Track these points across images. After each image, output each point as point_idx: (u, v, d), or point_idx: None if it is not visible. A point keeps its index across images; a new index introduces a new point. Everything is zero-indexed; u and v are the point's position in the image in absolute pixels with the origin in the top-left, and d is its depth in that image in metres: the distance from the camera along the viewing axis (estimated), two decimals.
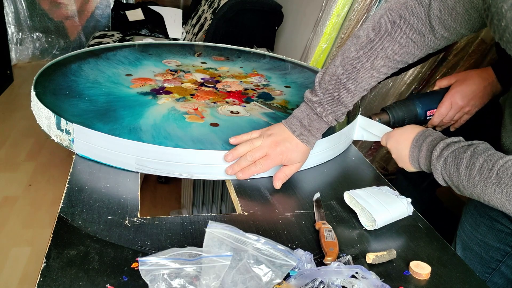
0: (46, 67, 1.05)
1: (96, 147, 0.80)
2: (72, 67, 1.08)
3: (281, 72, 1.26)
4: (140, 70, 1.12)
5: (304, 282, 0.52)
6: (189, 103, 0.97)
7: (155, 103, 0.94)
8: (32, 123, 2.76)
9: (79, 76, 1.03)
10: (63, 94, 0.93)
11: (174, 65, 1.19)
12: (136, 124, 0.84)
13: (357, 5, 1.74)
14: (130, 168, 0.79)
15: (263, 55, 1.40)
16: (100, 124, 0.82)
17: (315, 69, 1.33)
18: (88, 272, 0.57)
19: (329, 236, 0.65)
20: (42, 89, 0.93)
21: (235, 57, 1.35)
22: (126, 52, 1.24)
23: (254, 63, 1.31)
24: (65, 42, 3.59)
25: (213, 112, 0.94)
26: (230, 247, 0.49)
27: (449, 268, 0.65)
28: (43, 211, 1.89)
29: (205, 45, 1.46)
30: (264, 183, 0.81)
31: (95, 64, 1.11)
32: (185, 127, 0.86)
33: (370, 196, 0.73)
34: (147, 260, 0.48)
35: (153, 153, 0.77)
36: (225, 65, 1.26)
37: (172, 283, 0.46)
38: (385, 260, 0.64)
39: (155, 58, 1.22)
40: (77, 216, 0.67)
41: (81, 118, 0.83)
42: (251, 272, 0.48)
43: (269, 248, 0.50)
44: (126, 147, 0.78)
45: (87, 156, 0.82)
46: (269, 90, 1.11)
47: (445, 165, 0.69)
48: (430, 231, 0.73)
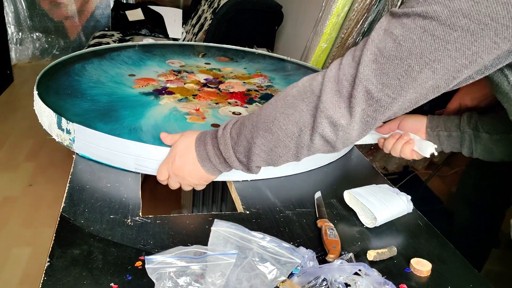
0: (50, 66, 1.05)
1: (96, 147, 0.80)
2: (75, 67, 1.08)
3: (285, 74, 1.26)
4: (143, 70, 1.12)
5: (307, 280, 0.52)
6: (191, 103, 0.97)
7: (157, 104, 0.95)
8: (32, 123, 2.75)
9: (82, 76, 1.03)
10: (66, 94, 0.93)
11: (178, 66, 1.19)
12: (137, 124, 0.84)
13: (357, 5, 1.75)
14: (129, 168, 0.80)
15: (266, 56, 1.40)
16: (101, 124, 0.82)
17: (318, 70, 1.33)
18: (92, 271, 0.57)
19: (332, 234, 0.66)
20: (44, 88, 0.93)
21: (239, 58, 1.35)
22: (130, 52, 1.24)
23: (258, 64, 1.31)
24: (65, 42, 3.59)
25: (215, 113, 0.94)
26: (235, 245, 0.49)
27: (448, 264, 0.66)
28: (43, 211, 1.89)
29: (210, 46, 1.46)
30: (265, 181, 0.82)
31: (99, 64, 1.11)
32: (186, 128, 0.85)
33: (370, 194, 0.74)
34: (153, 259, 0.48)
35: (153, 153, 0.77)
36: (229, 66, 1.26)
37: (178, 281, 0.47)
38: (386, 257, 0.64)
39: (159, 59, 1.22)
40: (79, 215, 0.68)
41: (82, 118, 0.83)
42: (256, 269, 0.49)
43: (274, 246, 0.51)
44: (126, 147, 0.78)
45: (87, 155, 0.82)
46: (272, 91, 1.11)
47: (231, 134, 0.67)
48: (429, 228, 0.74)
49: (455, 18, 0.49)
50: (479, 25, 0.49)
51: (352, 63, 0.57)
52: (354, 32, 1.84)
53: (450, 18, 0.50)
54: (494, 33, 0.49)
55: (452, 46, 0.51)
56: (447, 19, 0.50)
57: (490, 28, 0.49)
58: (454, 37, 0.50)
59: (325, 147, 0.62)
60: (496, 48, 0.51)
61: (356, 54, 0.58)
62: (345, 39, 1.85)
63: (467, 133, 0.82)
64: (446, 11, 0.50)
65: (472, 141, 0.82)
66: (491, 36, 0.50)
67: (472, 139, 0.82)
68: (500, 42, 0.50)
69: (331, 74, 0.59)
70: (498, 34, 0.49)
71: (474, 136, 0.81)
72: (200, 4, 2.78)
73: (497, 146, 0.80)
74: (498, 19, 0.48)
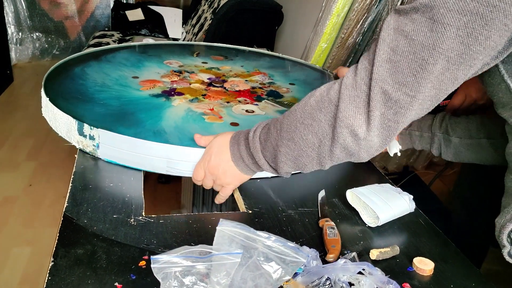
0: (51, 70, 1.04)
1: (124, 151, 0.79)
2: (76, 70, 1.07)
3: (283, 70, 1.28)
4: (145, 72, 1.12)
5: (311, 279, 0.52)
6: (203, 103, 0.98)
7: (170, 105, 0.95)
8: (32, 123, 2.76)
9: (86, 80, 1.02)
10: (75, 99, 0.91)
11: (177, 66, 1.20)
12: (158, 126, 0.84)
13: (357, 5, 1.75)
14: (160, 171, 0.79)
15: (260, 54, 1.42)
16: (123, 128, 0.81)
17: (312, 66, 1.35)
18: (96, 270, 0.57)
19: (332, 233, 0.66)
20: (53, 94, 0.90)
21: (233, 56, 1.36)
22: (125, 53, 1.24)
23: (254, 61, 1.32)
24: (65, 42, 3.58)
25: (229, 112, 0.95)
26: (240, 244, 0.50)
27: (450, 263, 0.66)
28: (43, 211, 1.89)
29: (201, 45, 1.47)
30: (267, 181, 0.82)
31: (98, 67, 1.11)
32: (207, 128, 0.86)
33: (372, 193, 0.74)
34: (159, 258, 0.48)
35: (185, 155, 0.77)
36: (226, 64, 1.27)
37: (184, 281, 0.47)
38: (388, 256, 0.65)
39: (156, 59, 1.23)
40: (82, 215, 0.68)
41: (102, 123, 0.81)
42: (261, 269, 0.49)
43: (280, 245, 0.51)
44: (157, 150, 0.78)
45: (113, 160, 0.81)
46: (276, 88, 1.13)
47: (260, 139, 0.68)
48: (431, 227, 0.74)
49: (463, 2, 0.49)
50: (487, 7, 0.48)
51: (368, 67, 0.56)
52: (354, 32, 1.84)
53: (458, 3, 0.49)
54: (503, 14, 0.49)
55: (463, 32, 0.50)
56: (455, 4, 0.49)
57: (499, 9, 0.48)
58: (464, 22, 0.49)
59: (348, 157, 0.61)
60: (506, 30, 0.50)
61: (370, 57, 0.57)
62: (345, 39, 1.86)
63: (437, 137, 0.84)
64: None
65: (442, 144, 0.84)
66: (501, 18, 0.49)
67: (442, 142, 0.84)
68: (510, 23, 0.49)
69: (348, 81, 0.58)
70: (507, 15, 0.48)
71: (444, 139, 0.84)
72: (200, 4, 2.78)
73: (467, 150, 0.82)
74: (505, 0, 0.48)
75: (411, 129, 0.86)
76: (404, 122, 0.56)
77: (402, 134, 0.87)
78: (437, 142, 0.84)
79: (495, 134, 0.78)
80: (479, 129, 0.79)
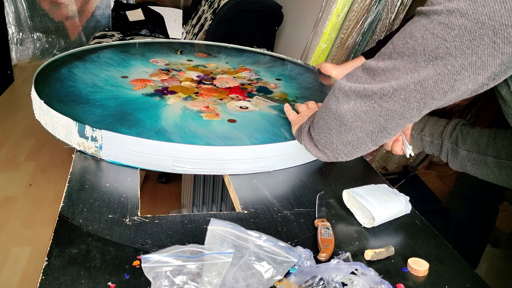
0: (38, 73, 1.01)
1: (128, 152, 0.79)
2: (62, 71, 1.05)
3: (266, 66, 1.30)
4: (132, 71, 1.12)
5: (304, 279, 0.52)
6: (198, 101, 0.99)
7: (165, 104, 0.95)
8: (32, 123, 2.76)
9: (75, 81, 1.00)
10: (71, 101, 0.91)
11: (163, 64, 1.20)
12: (158, 126, 0.84)
13: (356, 5, 1.75)
14: (166, 170, 0.80)
15: (241, 50, 1.43)
16: (124, 129, 0.81)
17: (295, 61, 1.38)
18: (89, 270, 0.57)
19: (326, 233, 0.66)
20: (46, 97, 0.89)
21: (215, 52, 1.37)
22: (108, 53, 1.23)
23: (237, 58, 1.34)
24: (65, 42, 3.59)
25: (224, 109, 0.96)
26: (231, 244, 0.49)
27: (446, 264, 0.66)
28: (43, 211, 1.89)
29: (181, 43, 1.47)
30: (263, 181, 0.82)
31: (84, 68, 1.09)
32: (206, 125, 0.87)
33: (369, 194, 0.74)
34: (149, 258, 0.48)
35: (190, 153, 0.78)
36: (211, 61, 1.28)
37: (175, 280, 0.47)
38: (383, 256, 0.64)
39: (140, 58, 1.22)
40: (78, 215, 0.68)
41: (103, 124, 0.82)
42: (253, 269, 0.49)
43: (271, 245, 0.51)
44: (162, 149, 0.78)
45: (116, 161, 0.81)
46: (264, 83, 1.14)
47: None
48: (427, 228, 0.74)
49: (453, 17, 0.50)
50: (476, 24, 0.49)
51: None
52: (354, 32, 1.84)
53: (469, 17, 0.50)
54: (493, 32, 0.49)
55: (451, 45, 0.51)
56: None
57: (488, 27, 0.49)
58: (452, 36, 0.50)
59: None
60: (497, 51, 0.50)
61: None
62: (345, 39, 1.85)
63: (446, 146, 0.84)
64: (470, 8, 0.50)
65: (449, 154, 0.84)
66: (490, 36, 0.49)
67: (449, 152, 0.84)
68: (501, 43, 0.50)
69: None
70: (497, 33, 0.49)
71: (452, 150, 0.83)
72: (200, 4, 2.78)
73: (472, 164, 0.81)
74: (495, 18, 0.48)
75: (422, 133, 0.86)
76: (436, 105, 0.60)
77: (414, 138, 0.87)
78: (445, 150, 0.84)
79: (504, 155, 0.77)
80: (489, 145, 0.77)
